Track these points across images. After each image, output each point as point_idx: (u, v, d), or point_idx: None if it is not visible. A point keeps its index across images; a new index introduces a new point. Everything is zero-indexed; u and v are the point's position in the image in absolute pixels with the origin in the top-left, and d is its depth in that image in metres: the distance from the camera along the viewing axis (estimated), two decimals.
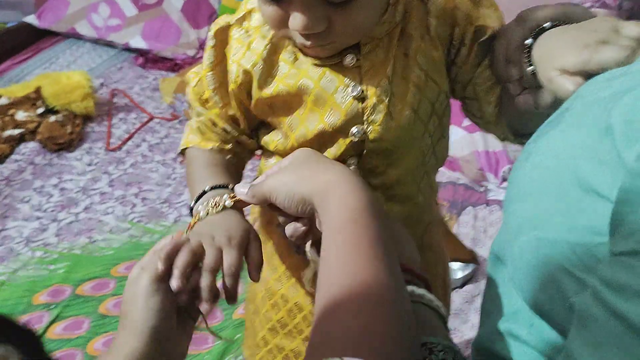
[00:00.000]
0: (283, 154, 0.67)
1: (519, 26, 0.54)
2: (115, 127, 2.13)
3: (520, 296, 0.43)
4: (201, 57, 2.45)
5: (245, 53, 0.64)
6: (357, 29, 0.57)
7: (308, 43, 0.57)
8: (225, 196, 0.62)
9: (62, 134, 1.99)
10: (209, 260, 0.54)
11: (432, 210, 0.78)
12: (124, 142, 2.05)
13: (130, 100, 2.29)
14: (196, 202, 0.65)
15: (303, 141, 0.65)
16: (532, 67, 0.52)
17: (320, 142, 0.65)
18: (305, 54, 0.63)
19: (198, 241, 0.55)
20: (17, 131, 2.00)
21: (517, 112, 0.60)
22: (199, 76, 0.69)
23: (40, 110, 2.05)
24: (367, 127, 0.63)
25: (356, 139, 0.63)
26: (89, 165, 1.92)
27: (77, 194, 1.79)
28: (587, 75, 0.46)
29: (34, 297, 1.43)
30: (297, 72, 0.63)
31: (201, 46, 2.64)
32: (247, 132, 0.71)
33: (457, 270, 1.37)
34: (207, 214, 0.61)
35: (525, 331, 0.43)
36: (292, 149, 0.64)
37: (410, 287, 0.53)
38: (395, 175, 0.67)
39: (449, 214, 1.64)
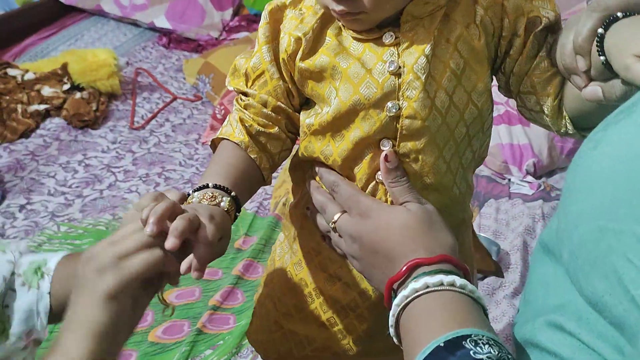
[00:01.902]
0: (319, 129, 0.68)
1: (588, 17, 0.53)
2: (138, 106, 2.14)
3: (574, 287, 0.42)
4: (224, 40, 2.44)
5: (297, 25, 0.66)
6: (380, 2, 0.58)
7: (339, 8, 0.58)
8: (225, 197, 0.62)
9: (87, 111, 2.00)
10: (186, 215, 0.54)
11: (466, 208, 0.78)
12: (148, 122, 2.06)
13: (154, 80, 2.30)
14: (195, 191, 0.64)
15: (337, 114, 0.65)
16: (604, 56, 0.52)
17: (354, 115, 0.65)
18: (347, 28, 0.64)
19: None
20: (42, 106, 2.02)
21: (583, 105, 0.59)
22: (251, 56, 0.70)
23: (66, 86, 2.07)
24: (402, 103, 0.63)
25: (391, 114, 0.63)
26: (113, 143, 1.94)
27: (102, 171, 1.81)
28: None
29: None
30: (339, 45, 0.65)
31: (225, 28, 2.64)
32: (297, 109, 0.72)
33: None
34: (199, 201, 0.61)
35: (574, 324, 0.43)
36: (328, 125, 0.66)
37: (451, 277, 0.53)
38: (429, 162, 0.67)
39: (470, 206, 1.64)
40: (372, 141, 0.65)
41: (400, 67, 0.62)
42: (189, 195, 0.64)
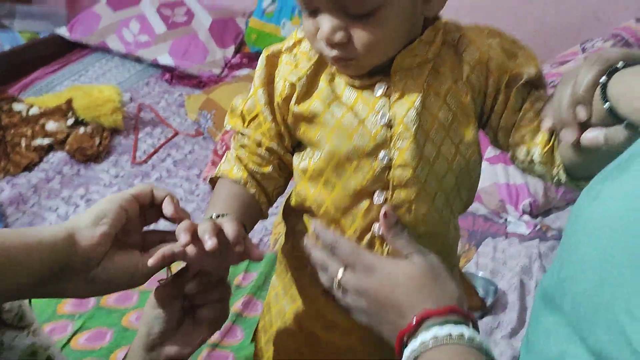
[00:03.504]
0: (312, 174, 0.70)
1: (588, 69, 0.55)
2: (141, 141, 2.17)
3: (577, 336, 0.43)
4: (226, 76, 2.48)
5: (292, 70, 0.70)
6: (375, 46, 0.62)
7: (333, 53, 0.63)
8: None
9: (90, 146, 2.03)
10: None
11: (455, 253, 0.80)
12: (150, 156, 2.09)
13: (157, 115, 2.34)
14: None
15: (331, 161, 0.68)
16: (608, 103, 0.53)
17: (348, 163, 0.68)
18: (339, 73, 0.68)
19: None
20: (46, 140, 2.05)
21: (576, 155, 0.61)
22: (247, 98, 0.74)
23: (71, 121, 2.10)
24: (393, 153, 0.66)
25: (383, 164, 0.66)
26: (115, 177, 1.96)
27: None
28: None
29: (59, 307, 1.46)
30: (332, 92, 0.68)
31: (226, 65, 2.69)
32: (290, 150, 0.75)
33: None
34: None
35: None
36: (322, 171, 0.69)
37: (459, 329, 0.55)
38: (422, 211, 0.69)
39: (468, 244, 1.66)
40: (366, 192, 0.68)
41: (391, 120, 0.66)
42: None
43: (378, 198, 0.68)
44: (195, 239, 0.60)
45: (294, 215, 0.77)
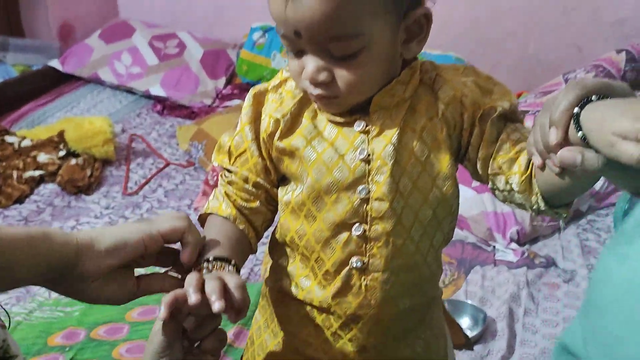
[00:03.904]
0: (294, 207, 0.72)
1: (565, 95, 0.56)
2: (132, 172, 2.19)
3: None
4: (217, 107, 2.52)
5: (277, 107, 0.73)
6: (356, 85, 0.65)
7: (316, 91, 0.66)
8: (229, 266, 0.68)
9: (81, 177, 2.05)
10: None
11: (437, 286, 0.82)
12: (141, 187, 2.10)
13: (148, 146, 2.36)
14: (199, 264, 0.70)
15: (312, 194, 0.71)
16: (581, 132, 0.53)
17: (327, 196, 0.70)
18: (322, 111, 0.71)
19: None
20: (37, 172, 2.06)
21: (554, 182, 0.61)
22: (234, 135, 0.76)
23: (62, 153, 2.12)
24: (371, 186, 0.69)
25: (361, 197, 0.69)
26: (107, 208, 1.97)
27: None
28: None
29: (49, 339, 1.46)
30: (314, 128, 0.71)
31: (218, 95, 2.73)
32: (275, 184, 0.77)
33: (466, 329, 1.40)
34: (209, 272, 0.67)
35: None
36: (303, 204, 0.71)
37: None
38: (399, 243, 0.71)
39: (457, 272, 1.68)
40: (345, 225, 0.70)
41: (369, 155, 0.69)
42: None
43: (356, 230, 0.70)
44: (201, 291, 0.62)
45: (278, 249, 0.79)
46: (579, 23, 2.47)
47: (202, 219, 0.77)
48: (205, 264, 0.68)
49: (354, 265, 0.71)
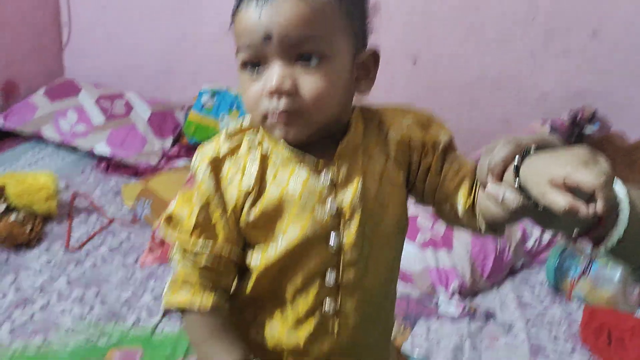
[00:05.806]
0: (268, 265, 0.74)
1: (501, 148, 0.60)
2: (75, 228, 2.14)
3: None
4: (162, 167, 2.53)
5: (242, 178, 0.73)
6: (320, 96, 0.65)
7: (280, 106, 0.65)
8: None
9: (21, 233, 1.98)
10: None
11: (393, 314, 0.87)
12: (84, 244, 2.06)
13: (91, 204, 2.32)
14: None
15: (286, 249, 0.72)
16: (518, 180, 0.58)
17: (303, 250, 0.73)
18: (285, 166, 0.72)
19: None
20: None
21: (491, 209, 0.65)
22: (194, 209, 0.73)
23: (1, 208, 2.05)
24: (342, 238, 0.72)
25: (334, 246, 0.72)
26: (47, 263, 1.91)
27: (34, 293, 1.77)
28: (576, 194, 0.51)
29: None
30: (278, 187, 0.72)
31: (164, 155, 2.74)
32: (242, 248, 0.77)
33: None
34: None
35: None
36: (277, 259, 0.72)
37: None
38: (369, 285, 0.75)
39: (403, 325, 1.72)
40: (318, 273, 0.73)
41: (338, 207, 0.72)
42: None
43: (329, 277, 0.74)
44: None
45: (245, 304, 0.80)
46: (507, 98, 2.69)
47: (169, 310, 0.77)
48: None
49: (326, 310, 0.75)
